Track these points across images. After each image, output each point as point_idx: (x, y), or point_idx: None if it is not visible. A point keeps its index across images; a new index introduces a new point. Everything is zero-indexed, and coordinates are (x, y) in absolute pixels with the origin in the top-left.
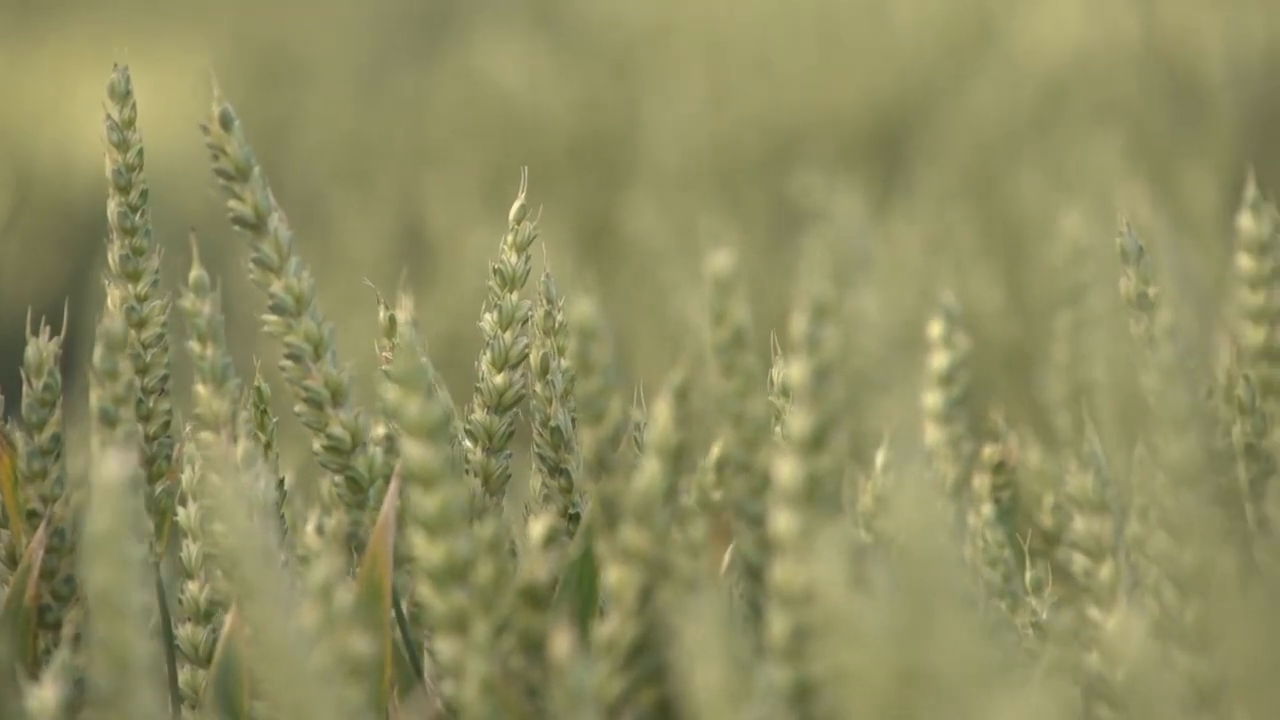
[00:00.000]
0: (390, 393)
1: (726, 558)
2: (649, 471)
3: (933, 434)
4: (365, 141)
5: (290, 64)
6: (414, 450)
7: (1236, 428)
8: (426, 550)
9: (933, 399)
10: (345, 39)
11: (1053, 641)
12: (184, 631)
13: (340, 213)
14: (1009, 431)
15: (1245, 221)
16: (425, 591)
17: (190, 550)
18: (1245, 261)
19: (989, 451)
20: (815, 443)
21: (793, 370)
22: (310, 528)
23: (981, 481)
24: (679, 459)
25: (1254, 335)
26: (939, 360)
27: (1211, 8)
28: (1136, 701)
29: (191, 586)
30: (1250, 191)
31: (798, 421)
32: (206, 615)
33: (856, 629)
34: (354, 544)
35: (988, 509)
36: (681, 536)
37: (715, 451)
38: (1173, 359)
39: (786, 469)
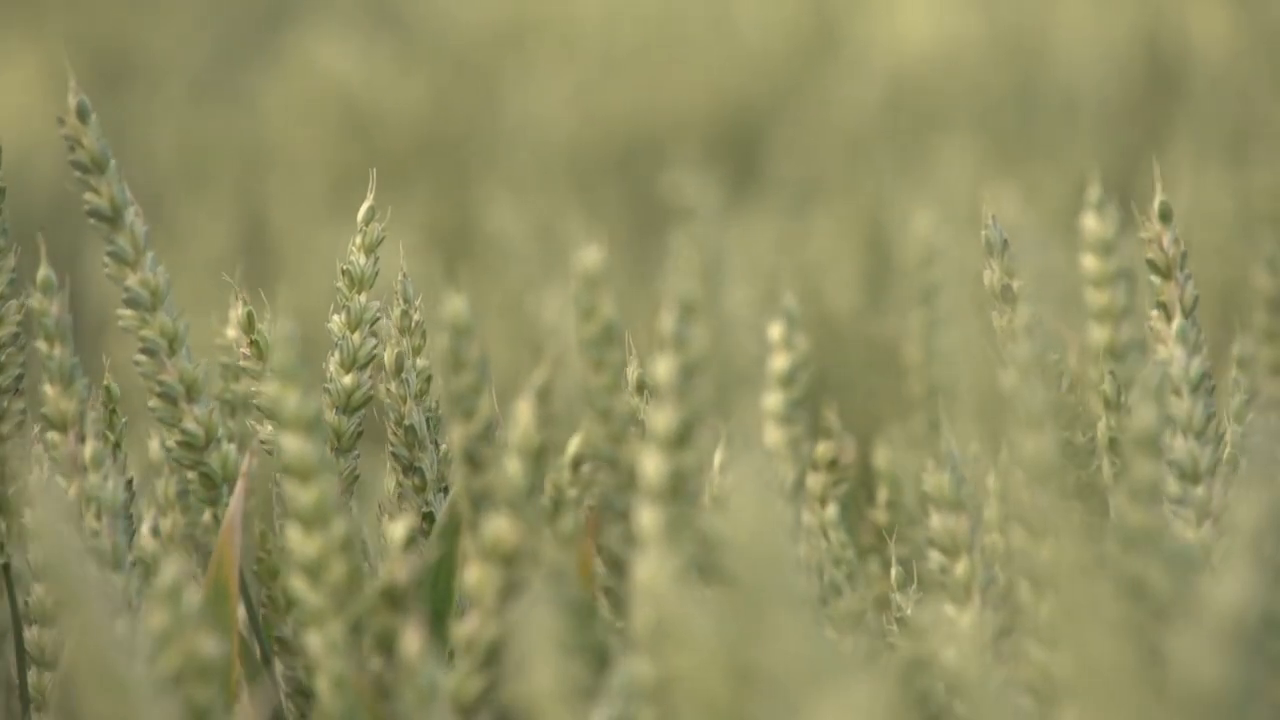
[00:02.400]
0: (267, 386)
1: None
2: (511, 470)
3: (773, 434)
4: (207, 142)
5: (127, 65)
6: (292, 444)
7: (1101, 423)
8: (302, 544)
9: (773, 400)
10: (184, 39)
11: (909, 637)
12: (31, 634)
13: (181, 214)
14: (848, 430)
15: (1089, 222)
16: (299, 585)
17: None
18: (1090, 261)
19: (822, 450)
20: (680, 439)
21: (659, 367)
22: (145, 528)
23: (816, 480)
24: (541, 459)
25: (1099, 334)
26: (780, 361)
27: (1060, 6)
28: (986, 697)
29: (39, 589)
30: (1093, 191)
31: (663, 418)
32: (54, 618)
33: (690, 627)
34: (191, 544)
35: (831, 508)
36: (550, 530)
37: (571, 448)
38: (1030, 354)
39: (651, 465)
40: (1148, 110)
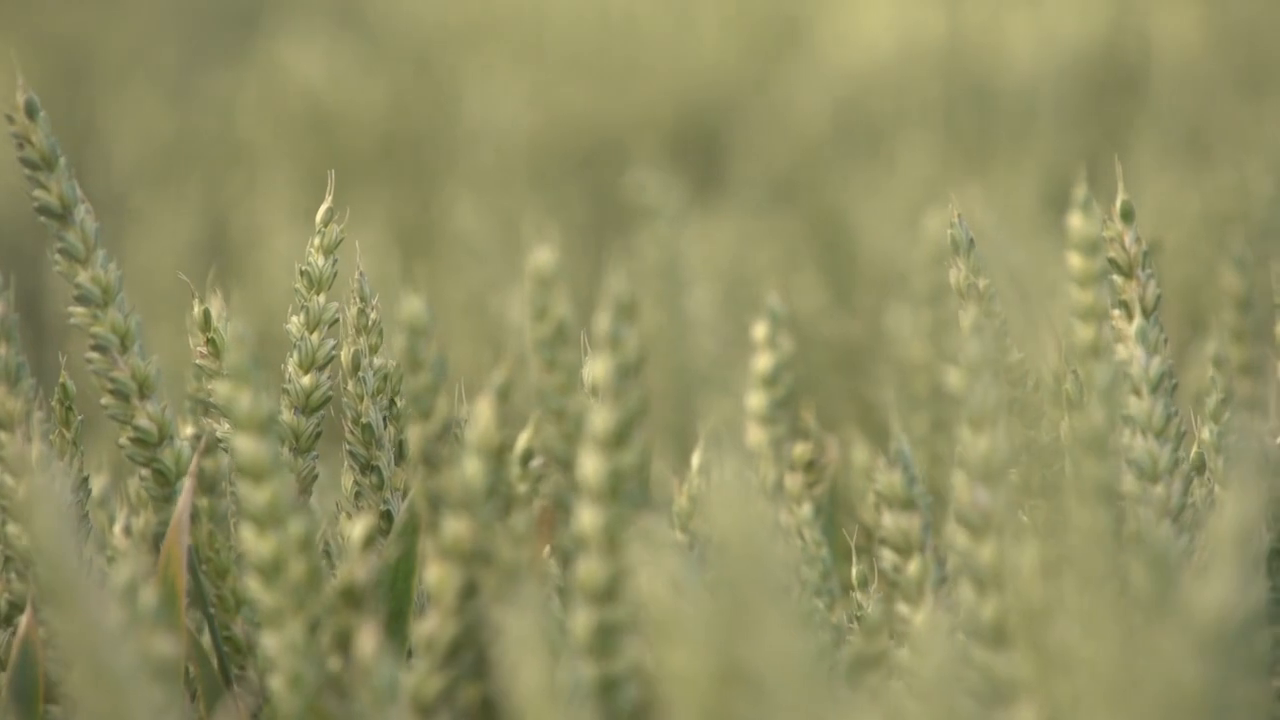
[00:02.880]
0: (220, 386)
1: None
2: (469, 469)
3: (755, 435)
4: (172, 142)
5: (93, 65)
6: (245, 444)
7: (1065, 422)
8: (256, 544)
9: (756, 400)
10: (150, 39)
11: (863, 636)
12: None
13: (145, 213)
14: (823, 431)
15: (1075, 220)
16: (254, 586)
17: None
18: (1075, 260)
19: (800, 450)
20: (618, 439)
21: (596, 367)
22: (118, 528)
23: (793, 480)
24: (501, 458)
25: (1083, 332)
26: (763, 362)
27: (1019, 8)
28: (938, 696)
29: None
30: (1080, 190)
31: (601, 418)
32: (6, 619)
33: (678, 627)
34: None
35: (807, 508)
36: (505, 529)
37: (521, 445)
38: (978, 353)
39: (590, 465)
40: (1108, 109)
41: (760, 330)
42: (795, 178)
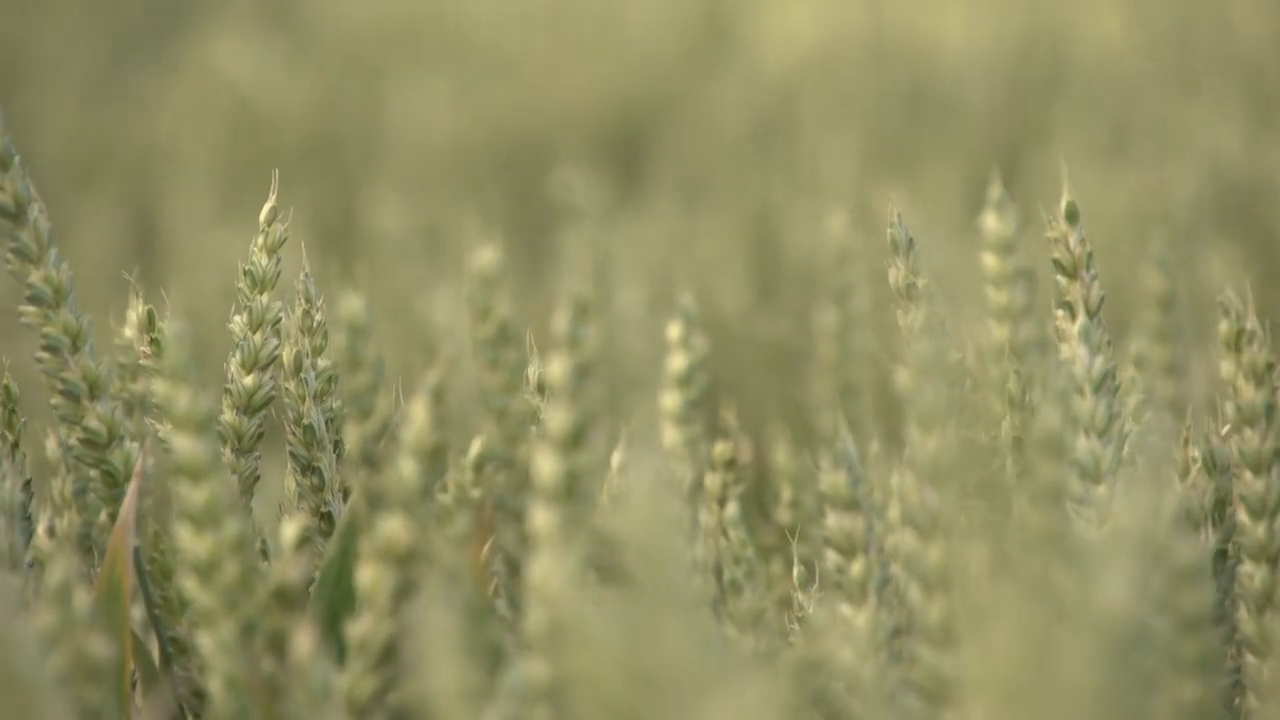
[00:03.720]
0: (159, 386)
1: (487, 552)
2: (406, 470)
3: (671, 435)
4: (99, 142)
5: (20, 65)
6: (183, 444)
7: (1005, 422)
8: (192, 544)
9: (671, 400)
10: (78, 40)
11: (805, 636)
12: None
13: (72, 214)
14: (746, 430)
15: (990, 221)
16: (190, 586)
17: None
18: (990, 260)
19: (719, 449)
20: (574, 440)
21: (553, 367)
22: (41, 529)
23: (713, 480)
24: (436, 459)
25: (999, 332)
26: (678, 362)
27: (946, 6)
28: (876, 696)
29: None
30: (994, 190)
31: (557, 418)
32: None
33: (588, 629)
34: (87, 545)
35: (731, 508)
36: (443, 531)
37: (474, 448)
38: (928, 353)
39: (546, 465)
40: (1033, 107)
41: (674, 331)
42: (722, 177)
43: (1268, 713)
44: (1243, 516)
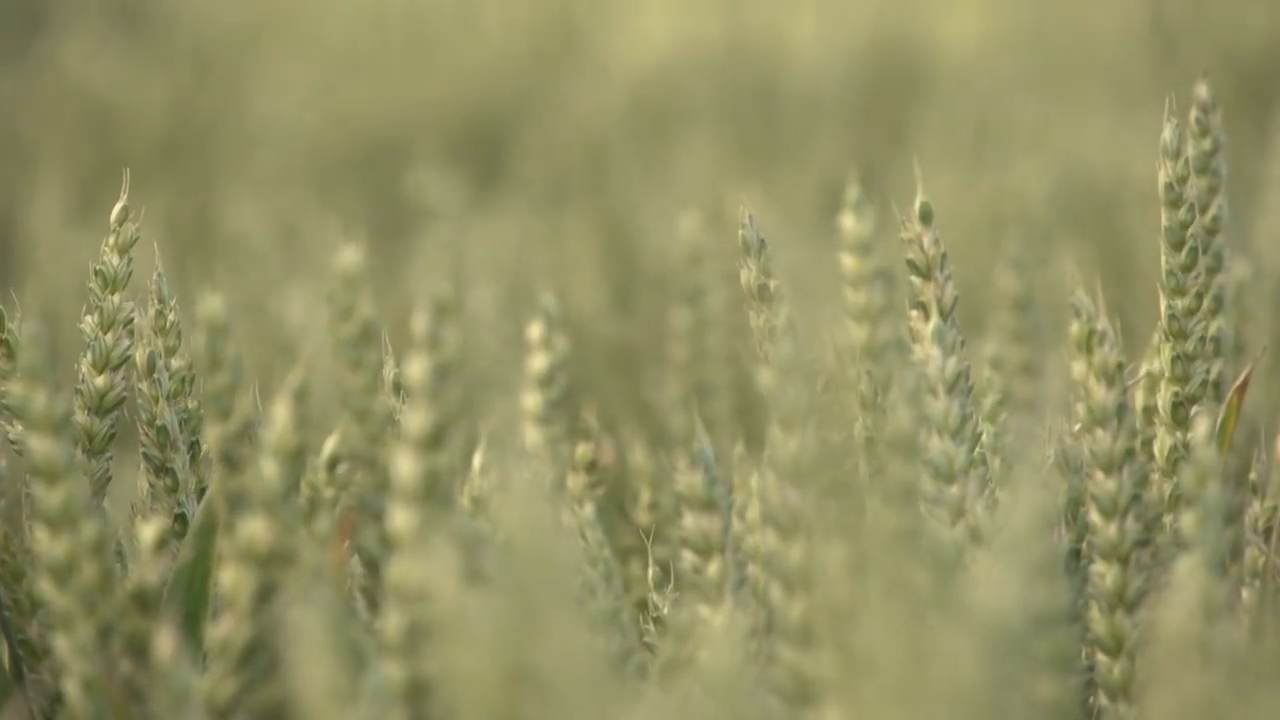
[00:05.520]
0: (13, 386)
1: (346, 552)
2: (267, 470)
3: (532, 435)
4: None
5: None
6: (39, 445)
7: (858, 422)
8: (49, 546)
9: (532, 400)
10: None
11: (669, 638)
12: None
13: None
14: (604, 431)
15: (847, 221)
16: (46, 588)
17: None
18: (848, 261)
19: (581, 450)
20: (434, 440)
21: (412, 367)
22: None
23: (575, 481)
24: (298, 459)
25: (857, 333)
26: (538, 362)
27: (802, 9)
28: (736, 697)
29: None
30: (851, 191)
31: (416, 419)
32: None
33: (465, 628)
34: None
35: (588, 508)
36: (306, 531)
37: (328, 448)
38: (789, 354)
39: (405, 466)
40: (890, 110)
41: (535, 330)
42: (577, 177)
43: (1118, 712)
44: (1094, 516)
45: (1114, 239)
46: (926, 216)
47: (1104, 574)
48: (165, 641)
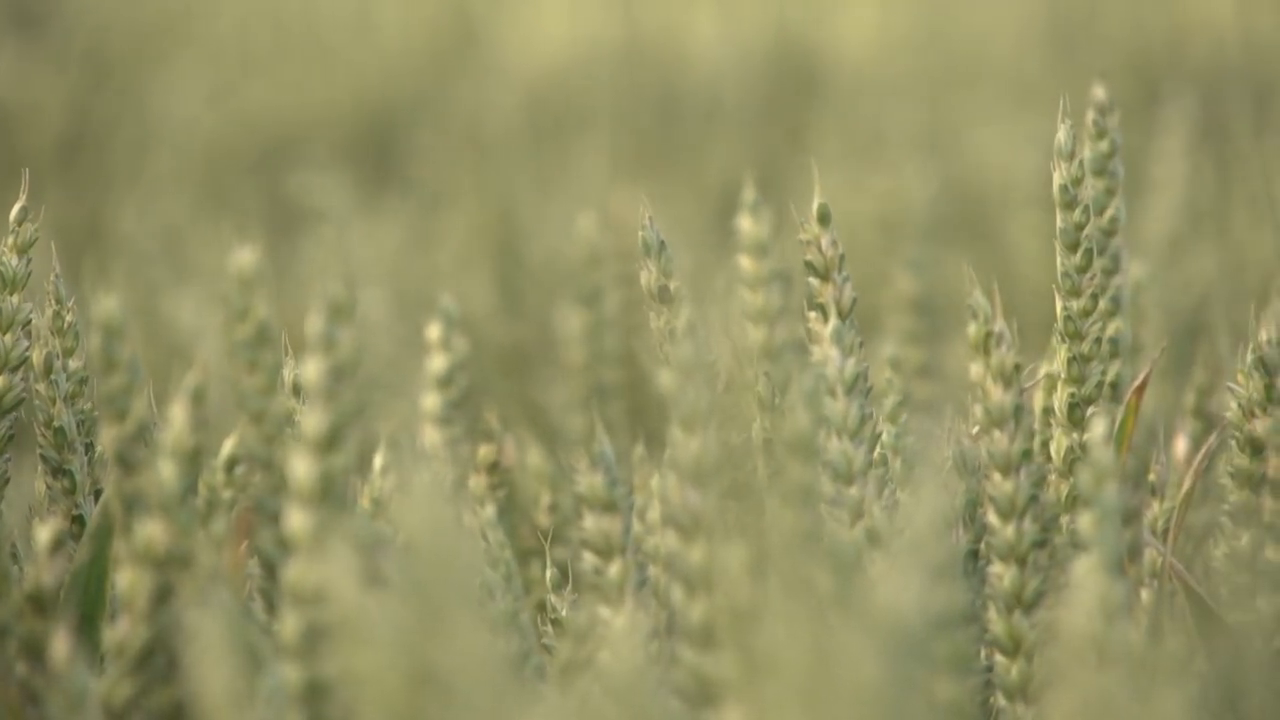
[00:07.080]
0: None
1: (243, 553)
2: (164, 472)
3: (431, 436)
4: None
5: None
6: None
7: (756, 424)
8: None
9: (431, 401)
10: None
11: (568, 639)
12: None
13: None
14: (504, 433)
15: (744, 223)
16: None
17: None
18: (745, 263)
19: (483, 452)
20: (330, 442)
21: (308, 369)
22: None
23: (477, 482)
24: (195, 461)
25: (755, 335)
26: (438, 363)
27: (700, 10)
28: (637, 697)
29: None
30: (748, 193)
31: (312, 420)
32: None
33: (366, 629)
34: None
35: (489, 509)
36: (203, 532)
37: (226, 449)
38: (690, 355)
39: (301, 467)
40: (789, 112)
41: (434, 331)
42: (469, 179)
43: (1015, 712)
44: (992, 518)
45: (997, 241)
46: (824, 218)
47: (1002, 575)
48: (61, 643)
